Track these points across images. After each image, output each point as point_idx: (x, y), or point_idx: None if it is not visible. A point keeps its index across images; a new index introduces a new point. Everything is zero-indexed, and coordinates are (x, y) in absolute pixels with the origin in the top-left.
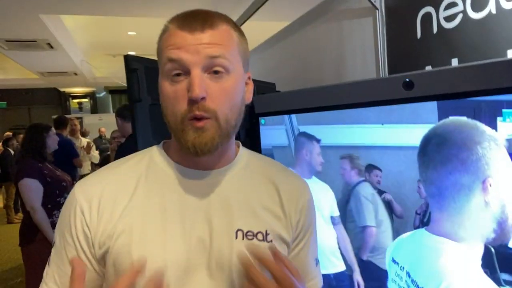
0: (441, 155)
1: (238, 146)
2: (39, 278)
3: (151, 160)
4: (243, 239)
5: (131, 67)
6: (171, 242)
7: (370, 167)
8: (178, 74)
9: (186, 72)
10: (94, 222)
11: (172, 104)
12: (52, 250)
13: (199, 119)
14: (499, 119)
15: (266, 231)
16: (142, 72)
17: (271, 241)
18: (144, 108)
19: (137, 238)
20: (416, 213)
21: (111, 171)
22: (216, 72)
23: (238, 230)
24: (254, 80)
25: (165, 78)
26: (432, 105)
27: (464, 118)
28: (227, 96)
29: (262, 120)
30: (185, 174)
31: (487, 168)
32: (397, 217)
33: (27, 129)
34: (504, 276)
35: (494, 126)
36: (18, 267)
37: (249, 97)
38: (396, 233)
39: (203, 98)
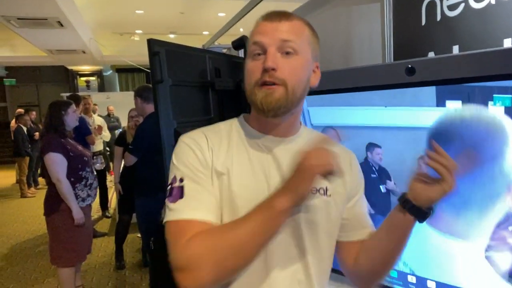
0: (473, 165)
1: (301, 124)
2: (62, 244)
3: (237, 126)
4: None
5: (153, 51)
6: (261, 187)
7: (371, 146)
8: (258, 54)
9: (264, 51)
10: (210, 154)
11: (250, 75)
12: (183, 184)
13: (269, 84)
14: (490, 103)
15: (326, 187)
16: (164, 55)
17: (330, 195)
18: (165, 89)
19: (234, 180)
20: None
21: (209, 129)
22: (287, 53)
23: None
24: None
25: (249, 57)
26: (431, 90)
27: (490, 117)
28: (295, 70)
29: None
30: (263, 138)
31: None
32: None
33: (48, 106)
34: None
35: None
36: (35, 238)
37: (314, 82)
38: None
39: (273, 69)
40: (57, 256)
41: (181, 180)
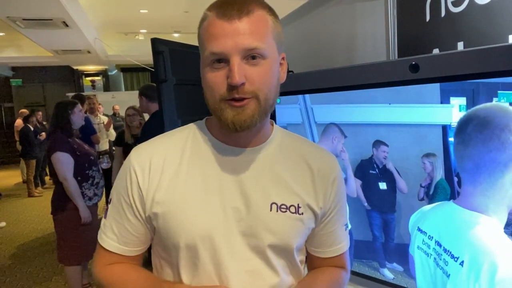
0: (483, 135)
1: (272, 125)
2: (69, 243)
3: (195, 136)
4: (277, 211)
5: (157, 50)
6: (211, 211)
7: (378, 143)
8: (218, 61)
9: (226, 60)
10: (146, 185)
11: (211, 88)
12: (109, 206)
13: (239, 100)
14: (494, 99)
15: (298, 205)
16: (167, 54)
17: (302, 213)
18: (169, 88)
19: (182, 206)
20: (421, 186)
21: (161, 142)
22: (253, 58)
23: (272, 203)
24: None
25: (206, 65)
26: (435, 87)
27: (504, 103)
28: (265, 78)
29: (277, 99)
30: (224, 150)
31: None
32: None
33: (55, 106)
34: None
35: None
36: (42, 237)
37: (283, 77)
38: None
39: (242, 84)
40: (64, 255)
41: (110, 201)
